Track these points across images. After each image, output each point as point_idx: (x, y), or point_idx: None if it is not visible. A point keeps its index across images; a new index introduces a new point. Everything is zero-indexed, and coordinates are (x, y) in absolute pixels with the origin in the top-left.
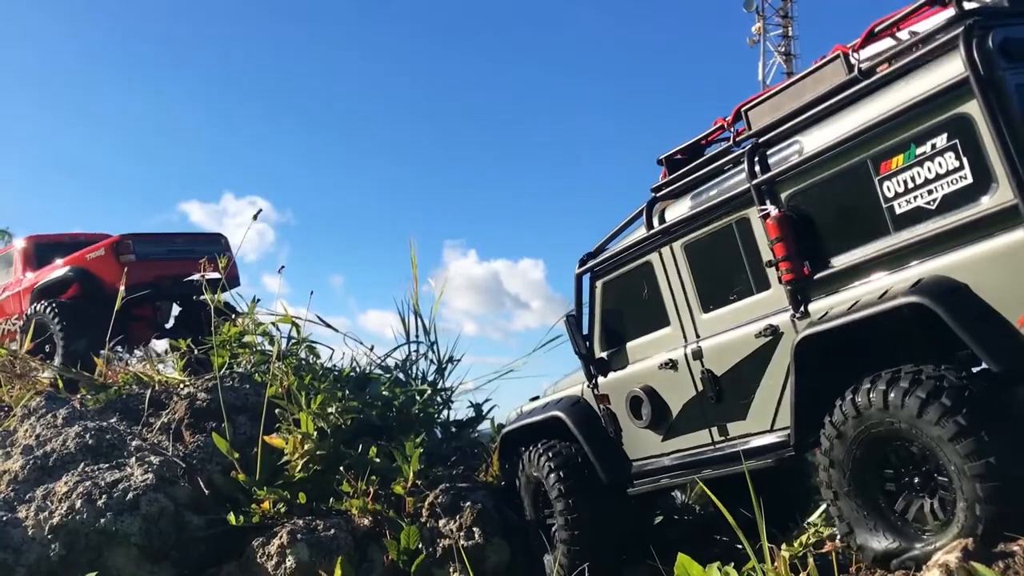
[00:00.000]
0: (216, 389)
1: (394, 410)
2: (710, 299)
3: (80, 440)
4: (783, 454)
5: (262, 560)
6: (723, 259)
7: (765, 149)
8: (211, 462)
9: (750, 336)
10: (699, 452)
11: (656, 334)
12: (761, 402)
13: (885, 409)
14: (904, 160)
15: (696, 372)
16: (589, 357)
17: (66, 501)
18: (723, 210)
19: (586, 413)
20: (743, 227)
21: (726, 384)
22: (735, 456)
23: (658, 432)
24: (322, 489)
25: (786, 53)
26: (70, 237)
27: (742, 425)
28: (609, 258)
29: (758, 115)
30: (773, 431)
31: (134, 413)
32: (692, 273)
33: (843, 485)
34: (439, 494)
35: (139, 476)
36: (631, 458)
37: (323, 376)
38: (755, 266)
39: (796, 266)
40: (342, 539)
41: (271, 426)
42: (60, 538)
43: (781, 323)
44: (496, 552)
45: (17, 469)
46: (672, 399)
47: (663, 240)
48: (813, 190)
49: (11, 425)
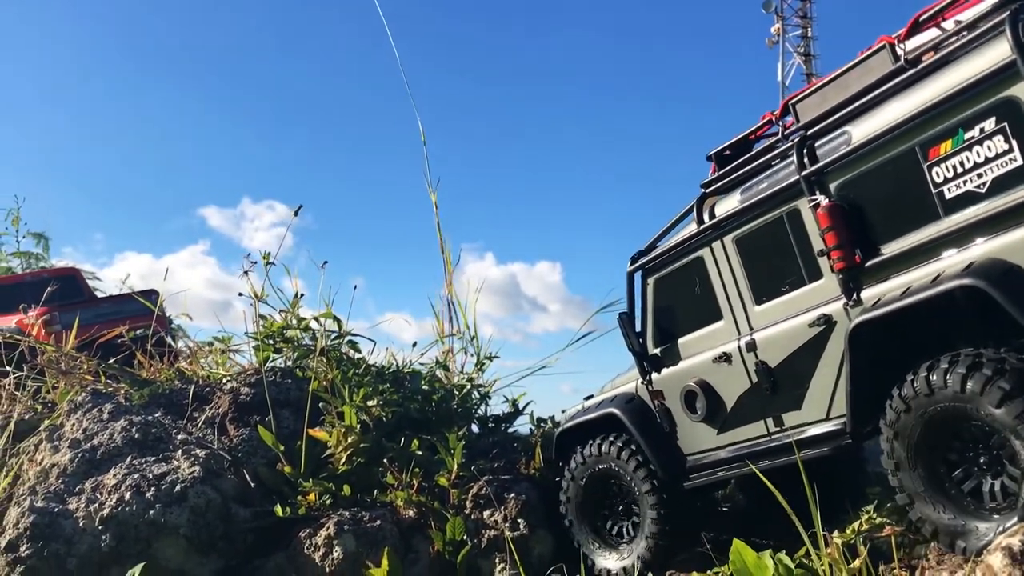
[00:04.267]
0: (258, 384)
1: (433, 404)
2: (762, 291)
3: (126, 434)
4: (840, 442)
5: (309, 551)
6: (774, 251)
7: (813, 141)
8: (256, 455)
9: (803, 326)
10: (755, 444)
11: (709, 328)
12: (816, 391)
13: (959, 391)
14: (952, 145)
15: (750, 364)
16: (643, 354)
17: (115, 493)
18: (773, 203)
19: (641, 409)
20: (794, 218)
21: (781, 375)
22: (791, 446)
23: (713, 426)
24: (366, 481)
25: (806, 54)
26: (32, 275)
27: (798, 415)
28: (660, 255)
29: (805, 108)
30: (829, 420)
31: (178, 408)
32: (744, 266)
33: (906, 458)
34: (483, 486)
35: (186, 469)
36: (686, 453)
37: (365, 371)
38: (807, 256)
39: (848, 254)
40: (388, 530)
41: (313, 420)
42: (110, 529)
43: (834, 312)
44: (540, 543)
45: (66, 462)
46: (727, 392)
47: (714, 235)
48: (862, 179)
49: (58, 420)
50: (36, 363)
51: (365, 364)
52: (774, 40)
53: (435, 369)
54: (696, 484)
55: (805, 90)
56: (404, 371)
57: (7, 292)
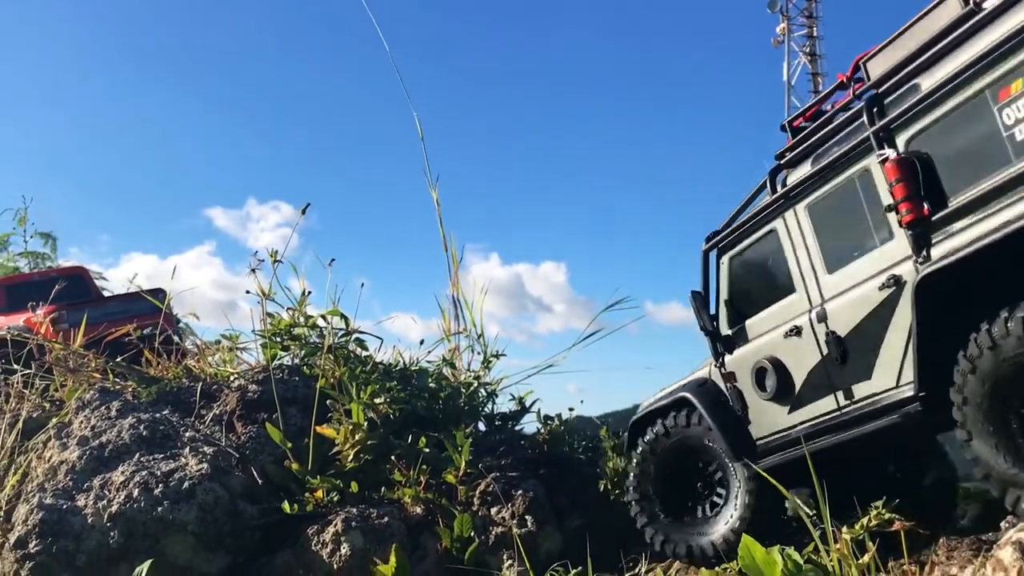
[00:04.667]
0: (265, 381)
1: (440, 402)
2: (834, 259)
3: (134, 431)
4: (910, 410)
5: (317, 548)
6: (846, 215)
7: (884, 98)
8: (263, 452)
9: (873, 290)
10: (824, 420)
11: (782, 303)
12: (886, 358)
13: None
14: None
15: (821, 335)
16: (715, 334)
17: (123, 490)
18: (844, 164)
19: (713, 393)
20: (864, 179)
21: (850, 344)
22: (860, 419)
23: (783, 404)
24: (374, 478)
25: (811, 53)
26: (39, 275)
27: (867, 386)
28: (734, 231)
29: (875, 65)
30: (899, 387)
31: (186, 405)
32: (816, 234)
33: (977, 423)
34: (490, 483)
35: (194, 466)
36: (758, 435)
37: (372, 368)
38: (877, 217)
39: (916, 206)
40: (395, 527)
41: (321, 417)
42: (119, 526)
43: (904, 271)
44: (548, 539)
45: (74, 459)
46: (796, 368)
47: (786, 205)
48: (932, 129)
49: (66, 417)
50: (44, 361)
51: (372, 362)
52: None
53: (442, 367)
54: (769, 464)
55: (875, 49)
56: (411, 369)
57: (15, 291)
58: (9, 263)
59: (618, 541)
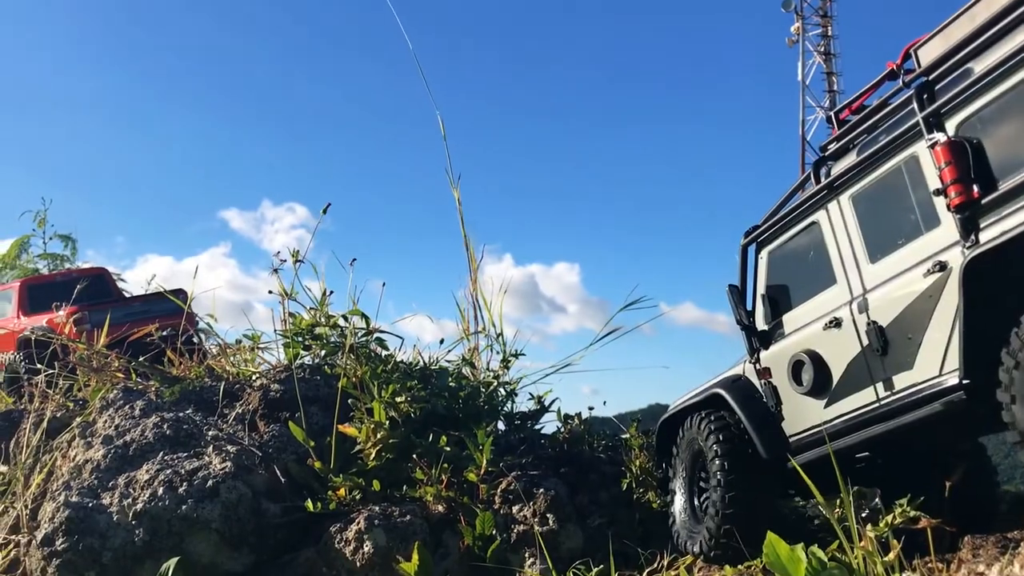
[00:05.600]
0: (288, 380)
1: (460, 401)
2: (878, 248)
3: (158, 430)
4: (953, 398)
5: (340, 546)
6: (892, 204)
7: (934, 84)
8: (286, 451)
9: (918, 277)
10: (864, 412)
11: (822, 296)
12: (929, 347)
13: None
14: None
15: (861, 326)
16: (752, 328)
17: (148, 488)
18: (891, 152)
19: (747, 389)
20: (911, 166)
21: (893, 334)
22: (901, 410)
23: (820, 397)
24: (395, 476)
25: (825, 52)
26: (62, 275)
27: (909, 376)
28: (775, 223)
29: (926, 52)
30: (942, 375)
31: (209, 404)
32: (860, 224)
33: None
34: (512, 481)
35: (217, 464)
36: (792, 432)
37: (393, 368)
38: (924, 204)
39: (966, 188)
40: (417, 525)
41: (343, 416)
42: (144, 524)
43: (951, 257)
44: (570, 538)
45: (99, 458)
46: (835, 360)
47: (830, 196)
48: (983, 112)
49: (90, 416)
50: (68, 361)
51: (393, 361)
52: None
53: (461, 366)
54: (804, 460)
55: (927, 36)
56: (431, 368)
57: (38, 292)
58: (29, 264)
59: (640, 539)
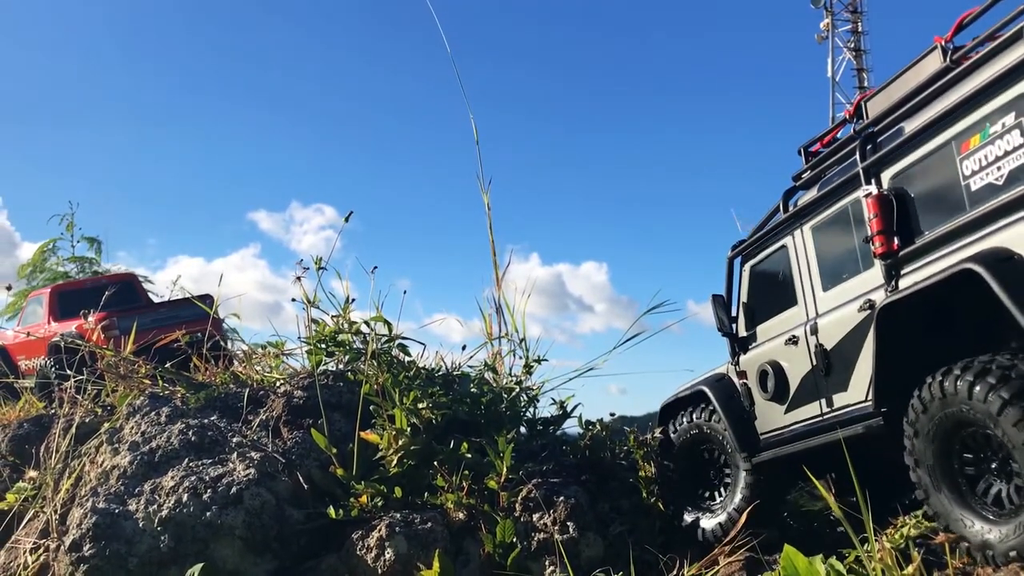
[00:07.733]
0: (311, 387)
1: (482, 407)
2: (829, 278)
3: (183, 437)
4: (872, 424)
5: (362, 552)
6: (841, 239)
7: (877, 136)
8: (309, 457)
9: (854, 311)
10: (810, 423)
11: (786, 313)
12: (860, 374)
13: (967, 397)
14: (980, 139)
15: (812, 346)
16: (732, 335)
17: (173, 495)
18: (841, 193)
19: (728, 388)
20: (856, 208)
21: (834, 358)
22: (835, 426)
23: (780, 404)
24: (417, 484)
25: (856, 49)
26: (91, 282)
27: (844, 397)
28: (755, 242)
29: (874, 105)
30: (866, 401)
31: (233, 411)
32: (817, 254)
33: (926, 458)
34: (532, 489)
35: (241, 471)
36: (762, 431)
37: (415, 374)
38: (863, 246)
39: (887, 240)
40: (438, 532)
41: (365, 423)
42: (169, 530)
43: (877, 298)
44: (590, 546)
45: (125, 464)
46: (792, 373)
47: (795, 223)
48: (910, 170)
49: (117, 423)
50: (96, 367)
51: (415, 367)
52: (823, 36)
53: (483, 372)
54: (762, 459)
55: (876, 90)
56: (453, 374)
57: (67, 298)
58: (57, 267)
59: (660, 547)
